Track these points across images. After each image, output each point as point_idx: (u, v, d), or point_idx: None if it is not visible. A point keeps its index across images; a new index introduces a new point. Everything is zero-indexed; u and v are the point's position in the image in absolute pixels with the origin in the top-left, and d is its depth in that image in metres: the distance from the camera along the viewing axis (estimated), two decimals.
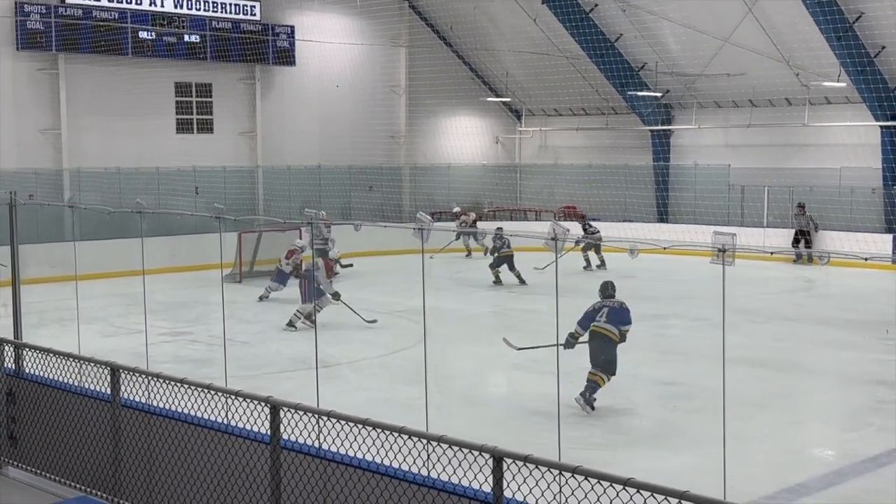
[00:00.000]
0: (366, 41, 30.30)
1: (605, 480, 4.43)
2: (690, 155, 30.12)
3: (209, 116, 27.81)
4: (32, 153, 24.50)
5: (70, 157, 25.09)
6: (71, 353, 7.80)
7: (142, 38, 25.54)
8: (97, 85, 25.49)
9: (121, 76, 25.74)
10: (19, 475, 8.13)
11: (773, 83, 26.91)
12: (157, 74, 26.34)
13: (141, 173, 25.34)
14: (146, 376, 7.04)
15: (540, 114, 33.92)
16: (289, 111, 29.27)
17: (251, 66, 28.22)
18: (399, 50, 31.68)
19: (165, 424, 6.92)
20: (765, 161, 28.04)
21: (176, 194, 25.16)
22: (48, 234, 21.72)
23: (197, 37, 26.50)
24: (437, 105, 32.10)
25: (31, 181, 23.29)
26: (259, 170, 28.62)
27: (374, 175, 30.34)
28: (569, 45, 29.33)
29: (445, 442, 5.08)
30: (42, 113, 24.84)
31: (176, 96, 27.06)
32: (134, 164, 25.42)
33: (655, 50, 28.43)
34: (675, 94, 29.80)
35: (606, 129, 31.58)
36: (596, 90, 30.94)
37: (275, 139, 28.96)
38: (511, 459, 4.80)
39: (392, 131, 32.00)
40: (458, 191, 31.37)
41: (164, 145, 26.58)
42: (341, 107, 30.25)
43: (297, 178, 28.36)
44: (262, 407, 6.06)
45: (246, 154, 28.71)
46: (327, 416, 5.72)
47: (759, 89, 27.61)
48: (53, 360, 7.89)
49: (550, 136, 34.03)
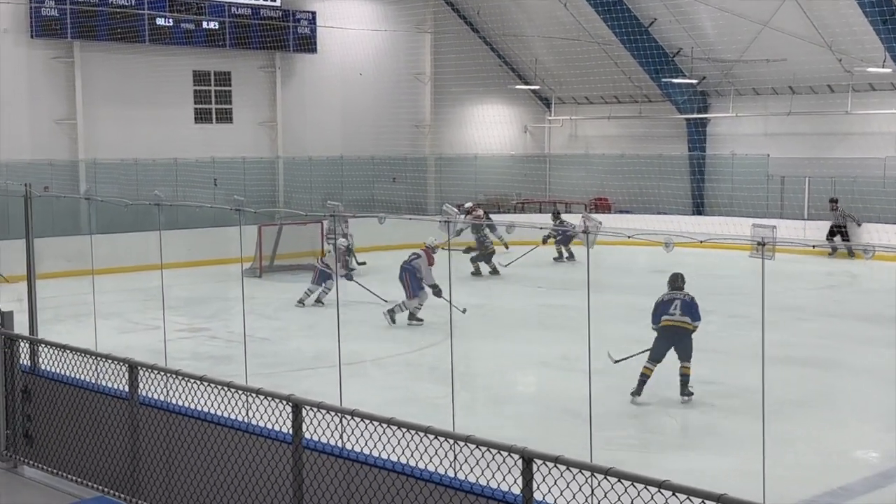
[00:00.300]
0: (389, 27, 30.31)
1: (640, 482, 4.42)
2: (728, 144, 29.94)
3: (228, 106, 27.92)
4: (47, 144, 24.70)
5: (86, 147, 25.27)
6: (88, 350, 7.87)
7: (159, 25, 25.67)
8: (113, 73, 25.66)
9: (138, 64, 25.88)
10: (35, 475, 8.21)
11: (814, 69, 26.67)
12: (175, 62, 26.45)
13: (158, 164, 25.48)
14: (165, 373, 7.09)
15: (570, 102, 33.81)
16: (310, 100, 29.33)
17: (271, 53, 28.31)
18: (424, 36, 31.66)
19: (185, 423, 6.97)
20: (805, 150, 27.82)
21: (194, 186, 25.29)
22: (63, 228, 21.90)
23: (216, 23, 26.61)
24: (464, 93, 32.04)
25: (45, 173, 23.49)
26: (279, 161, 28.70)
27: (397, 166, 30.35)
28: (601, 30, 29.21)
29: (473, 442, 5.08)
30: (57, 102, 25.02)
31: (194, 85, 27.18)
32: (151, 155, 25.55)
33: (691, 35, 28.25)
34: (712, 80, 29.61)
35: (639, 117, 31.43)
36: (629, 77, 30.79)
37: (296, 129, 29.03)
38: (541, 460, 4.80)
39: (416, 120, 32.00)
40: (484, 182, 31.33)
41: (181, 135, 26.71)
42: (364, 95, 30.27)
43: (319, 169, 28.41)
44: (284, 405, 6.09)
45: (266, 144, 28.80)
46: (351, 415, 5.73)
47: (799, 75, 27.38)
48: (70, 357, 7.96)
49: (581, 125, 33.92)
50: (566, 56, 30.92)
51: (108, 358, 7.45)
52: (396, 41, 30.76)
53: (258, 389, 6.29)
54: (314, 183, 27.81)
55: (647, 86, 30.62)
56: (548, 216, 25.72)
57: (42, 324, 9.72)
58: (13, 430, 8.38)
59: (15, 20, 24.05)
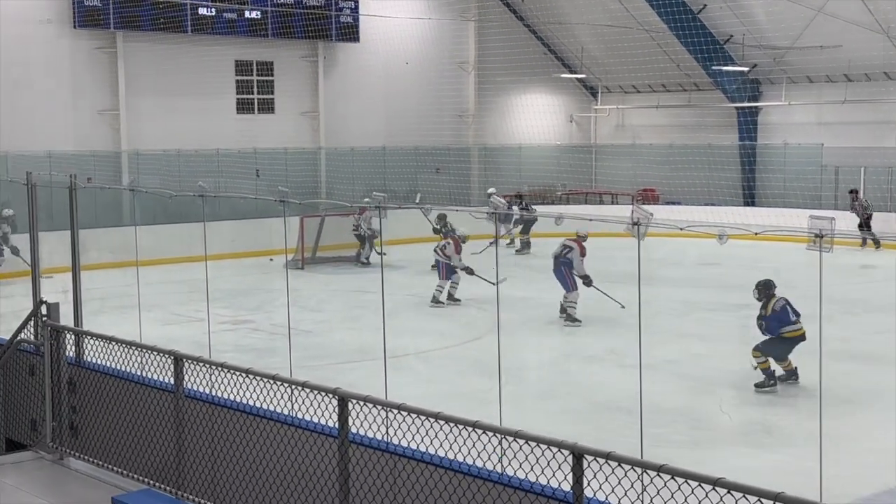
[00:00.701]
0: (433, 15, 30.27)
1: (694, 480, 4.39)
2: (780, 133, 29.59)
3: (270, 96, 28.07)
4: (90, 135, 25.00)
5: (128, 138, 25.54)
6: (133, 342, 7.95)
7: (201, 15, 25.86)
8: (156, 64, 25.89)
9: (180, 54, 26.09)
10: (81, 466, 8.33)
11: (870, 56, 26.27)
12: (217, 53, 26.64)
13: (200, 155, 25.68)
14: (210, 366, 7.15)
15: (617, 91, 33.60)
16: (352, 90, 29.40)
17: (314, 43, 28.41)
18: (468, 24, 31.60)
19: (230, 416, 7.03)
20: (861, 140, 27.43)
21: (236, 177, 25.47)
22: (107, 219, 22.15)
23: (258, 13, 26.75)
24: (508, 82, 31.94)
25: (88, 164, 23.76)
26: (321, 151, 28.80)
27: (441, 156, 30.34)
28: (649, 17, 28.98)
29: (522, 437, 5.07)
30: (100, 93, 25.31)
31: (236, 75, 27.37)
32: (193, 146, 25.76)
33: (742, 21, 27.95)
34: (764, 68, 29.27)
35: (689, 106, 31.16)
36: (677, 65, 30.53)
37: (338, 119, 29.12)
38: (592, 457, 4.78)
39: (460, 110, 31.97)
40: (529, 173, 31.24)
41: (224, 126, 26.90)
42: (407, 85, 30.28)
43: (361, 159, 28.48)
44: (330, 399, 6.11)
45: (308, 135, 28.93)
46: (397, 409, 5.74)
47: (855, 63, 26.98)
48: (115, 349, 8.05)
49: (628, 114, 33.70)
50: (613, 43, 30.71)
51: (153, 350, 7.53)
52: (440, 30, 30.73)
53: (304, 382, 6.32)
54: (356, 174, 27.87)
55: (697, 74, 30.35)
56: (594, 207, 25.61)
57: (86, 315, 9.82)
58: (59, 422, 8.50)
59: (58, 10, 24.34)
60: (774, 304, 12.09)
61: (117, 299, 16.39)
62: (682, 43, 29.07)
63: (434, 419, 5.52)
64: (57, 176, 13.95)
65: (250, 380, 6.78)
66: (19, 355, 9.11)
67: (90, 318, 10.14)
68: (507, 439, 5.22)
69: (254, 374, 6.71)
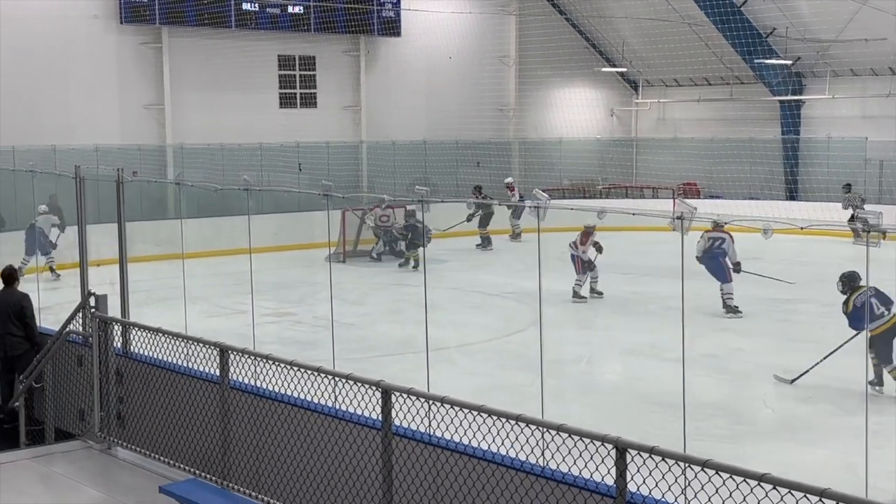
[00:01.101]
0: (474, 10, 30.23)
1: (738, 475, 4.35)
2: (823, 127, 29.23)
3: (313, 90, 28.19)
4: (136, 129, 25.25)
5: (173, 132, 25.78)
6: (179, 333, 8.03)
7: (245, 10, 26.02)
8: (200, 59, 26.10)
9: (224, 49, 26.28)
10: (128, 456, 8.42)
11: None
12: (261, 47, 26.80)
13: (243, 149, 25.84)
14: (254, 358, 7.20)
15: (658, 84, 33.36)
16: (394, 84, 29.44)
17: (356, 37, 28.49)
18: (509, 18, 31.51)
19: (274, 407, 7.08)
20: None
21: (278, 171, 25.60)
22: (152, 212, 22.37)
23: (301, 8, 26.87)
24: (549, 76, 31.83)
25: (134, 157, 23.98)
26: (363, 145, 28.88)
27: (481, 150, 30.28)
28: (691, 10, 28.75)
29: (565, 431, 5.05)
30: (145, 88, 25.55)
31: (279, 70, 27.52)
32: (236, 140, 25.94)
33: (786, 14, 27.64)
34: (807, 61, 28.93)
35: (731, 99, 30.85)
36: (720, 58, 30.26)
37: (379, 113, 29.17)
38: (635, 451, 4.76)
39: (501, 104, 31.91)
40: (569, 166, 31.12)
41: (266, 120, 27.06)
42: (448, 79, 30.27)
43: (402, 153, 28.51)
44: (374, 391, 6.13)
45: (350, 129, 29.02)
46: (440, 402, 5.75)
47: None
48: (161, 340, 8.13)
49: (669, 107, 33.45)
50: (655, 37, 30.49)
51: (199, 341, 7.59)
52: (481, 24, 30.68)
53: (348, 375, 6.35)
54: (398, 167, 27.92)
55: (739, 67, 30.06)
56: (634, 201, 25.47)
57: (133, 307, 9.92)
58: (107, 412, 8.60)
59: (105, 6, 24.60)
60: (855, 300, 11.32)
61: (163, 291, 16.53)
62: (724, 36, 28.81)
63: (477, 412, 5.52)
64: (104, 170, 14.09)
65: (294, 372, 6.81)
66: (68, 346, 9.23)
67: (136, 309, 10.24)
68: (550, 433, 5.21)
69: (298, 366, 6.74)
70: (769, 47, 28.85)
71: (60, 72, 24.00)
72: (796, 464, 9.04)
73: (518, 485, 5.54)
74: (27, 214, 19.19)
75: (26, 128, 23.10)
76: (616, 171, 32.32)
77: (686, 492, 4.86)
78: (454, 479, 5.87)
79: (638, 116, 34.37)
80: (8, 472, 8.26)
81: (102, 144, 23.65)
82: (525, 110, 32.35)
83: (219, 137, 25.78)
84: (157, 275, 17.01)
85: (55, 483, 8.16)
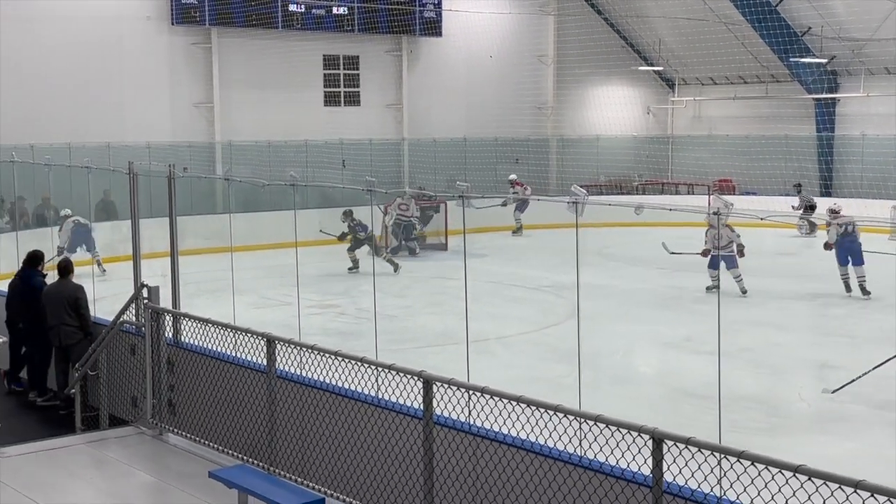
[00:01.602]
0: (513, 10, 30.15)
1: (773, 466, 4.31)
2: (857, 125, 28.82)
3: (356, 89, 28.28)
4: (186, 126, 25.47)
5: (222, 130, 25.97)
6: (228, 324, 8.09)
7: (291, 11, 26.15)
8: (248, 58, 26.27)
9: (271, 49, 26.43)
10: (179, 441, 8.50)
11: None
12: (306, 47, 26.92)
13: (289, 146, 25.98)
14: (300, 348, 7.24)
15: (694, 83, 33.08)
16: (435, 83, 29.45)
17: (398, 37, 28.52)
18: (547, 18, 31.39)
19: (319, 396, 7.11)
20: None
21: (323, 167, 25.70)
22: (202, 207, 22.55)
23: (345, 9, 26.95)
24: (586, 75, 31.66)
25: (185, 154, 24.19)
26: (405, 142, 28.92)
27: (520, 147, 30.21)
28: (727, 9, 28.47)
29: (603, 422, 5.03)
30: (196, 87, 25.75)
31: (324, 69, 27.63)
32: (282, 137, 26.08)
33: (821, 13, 27.29)
34: (842, 60, 28.56)
35: (766, 97, 30.54)
36: (755, 57, 29.95)
37: (420, 111, 29.21)
38: (672, 441, 4.73)
39: (539, 102, 31.81)
40: (606, 163, 30.94)
41: (312, 118, 27.19)
42: (487, 78, 30.23)
43: (443, 150, 28.50)
44: (415, 381, 6.14)
45: (392, 126, 29.07)
46: (480, 392, 5.75)
47: None
48: (210, 330, 8.20)
49: (705, 105, 33.15)
50: (691, 36, 30.22)
51: (247, 332, 7.64)
52: (520, 24, 30.59)
53: (390, 365, 6.37)
54: (438, 164, 27.92)
55: (774, 65, 29.73)
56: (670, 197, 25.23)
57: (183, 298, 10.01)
58: (158, 399, 8.69)
59: (157, 8, 24.82)
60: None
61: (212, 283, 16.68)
62: (760, 35, 28.49)
63: (516, 402, 5.51)
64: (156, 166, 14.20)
65: (338, 362, 6.84)
66: (121, 336, 9.33)
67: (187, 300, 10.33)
68: (587, 423, 5.19)
69: (342, 356, 6.77)
70: (804, 46, 28.50)
71: (114, 71, 24.26)
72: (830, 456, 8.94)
73: (556, 474, 5.53)
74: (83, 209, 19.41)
75: (81, 126, 23.38)
76: (652, 167, 32.12)
77: (721, 482, 4.82)
78: (493, 467, 5.87)
79: (674, 114, 34.11)
80: (64, 457, 8.37)
81: (154, 142, 23.87)
82: (563, 108, 32.22)
83: (266, 135, 25.94)
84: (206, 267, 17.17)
85: (109, 467, 8.25)
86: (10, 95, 22.38)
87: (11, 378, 10.93)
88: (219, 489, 6.70)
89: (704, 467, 4.72)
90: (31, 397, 10.52)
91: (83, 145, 21.96)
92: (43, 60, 23.33)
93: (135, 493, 7.70)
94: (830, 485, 4.08)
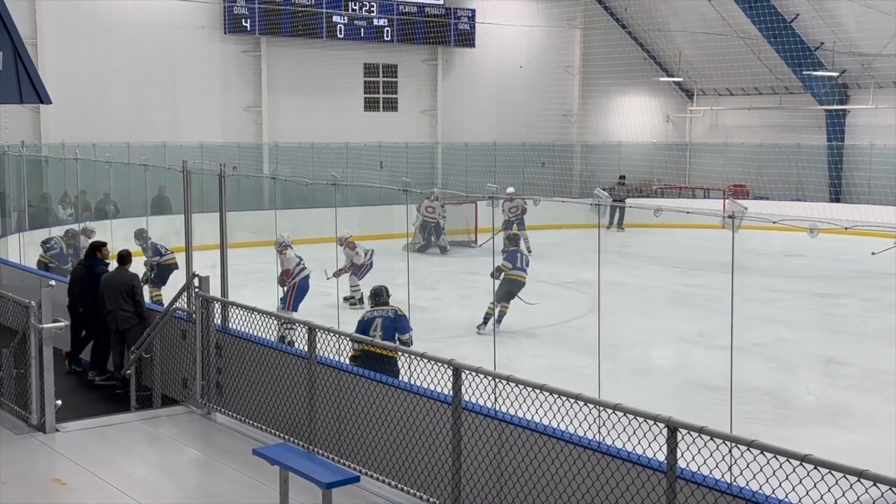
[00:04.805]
0: (542, 23, 30.07)
1: (782, 455, 4.28)
2: (866, 135, 28.52)
3: (394, 95, 28.33)
4: (236, 128, 25.63)
5: (269, 132, 26.11)
6: (273, 312, 8.13)
7: (335, 22, 26.24)
8: (294, 66, 26.39)
9: (315, 58, 26.55)
10: (226, 421, 8.56)
11: None
12: (348, 56, 27.00)
13: (331, 148, 26.11)
14: (339, 336, 7.26)
15: (712, 93, 32.84)
16: (468, 90, 29.45)
17: (434, 47, 28.53)
18: (574, 31, 31.28)
19: (355, 381, 7.13)
20: None
21: (362, 168, 25.79)
22: (249, 203, 22.69)
23: (385, 20, 27.00)
24: (610, 84, 31.53)
25: (234, 154, 24.35)
26: (439, 146, 28.96)
27: (546, 152, 30.13)
28: (743, 25, 28.23)
29: (621, 410, 5.01)
30: (245, 92, 25.90)
31: (364, 76, 27.69)
32: (325, 140, 26.22)
33: (833, 29, 26.99)
34: (852, 73, 28.24)
35: (779, 108, 30.27)
36: (770, 70, 29.68)
37: (454, 117, 29.22)
38: (686, 430, 4.70)
39: (565, 109, 31.71)
40: (627, 168, 30.81)
41: (352, 122, 27.29)
42: (517, 86, 30.18)
43: (474, 153, 28.53)
44: (445, 369, 6.15)
45: (427, 131, 29.10)
46: (506, 380, 5.74)
47: None
48: (256, 318, 8.24)
49: (721, 115, 32.91)
50: (709, 50, 30.01)
51: (290, 320, 7.68)
52: (548, 36, 30.51)
53: (422, 354, 6.38)
54: (470, 166, 27.94)
55: (788, 78, 29.45)
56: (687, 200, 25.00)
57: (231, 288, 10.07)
58: (207, 381, 8.75)
59: (210, 18, 24.97)
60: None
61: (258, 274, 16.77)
62: (774, 49, 28.23)
63: (539, 390, 5.50)
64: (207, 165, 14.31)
65: None
66: (173, 321, 9.40)
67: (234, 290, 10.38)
68: (606, 411, 5.17)
69: (377, 345, 6.78)
70: (817, 60, 28.21)
71: (169, 76, 24.45)
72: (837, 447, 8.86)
73: (576, 458, 5.51)
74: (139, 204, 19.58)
75: (139, 126, 23.59)
76: (670, 172, 31.95)
77: (732, 469, 4.79)
78: (517, 450, 5.87)
79: (692, 122, 33.88)
80: (120, 433, 8.46)
81: (206, 142, 24.06)
82: (587, 116, 32.10)
83: (309, 137, 26.08)
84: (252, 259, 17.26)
85: (161, 443, 8.33)
86: (75, 98, 22.61)
87: (72, 359, 11.04)
88: (262, 466, 6.74)
89: (716, 455, 4.69)
90: (90, 377, 10.63)
91: (141, 145, 22.17)
92: (105, 66, 23.56)
93: (184, 467, 7.77)
94: (835, 473, 4.05)
